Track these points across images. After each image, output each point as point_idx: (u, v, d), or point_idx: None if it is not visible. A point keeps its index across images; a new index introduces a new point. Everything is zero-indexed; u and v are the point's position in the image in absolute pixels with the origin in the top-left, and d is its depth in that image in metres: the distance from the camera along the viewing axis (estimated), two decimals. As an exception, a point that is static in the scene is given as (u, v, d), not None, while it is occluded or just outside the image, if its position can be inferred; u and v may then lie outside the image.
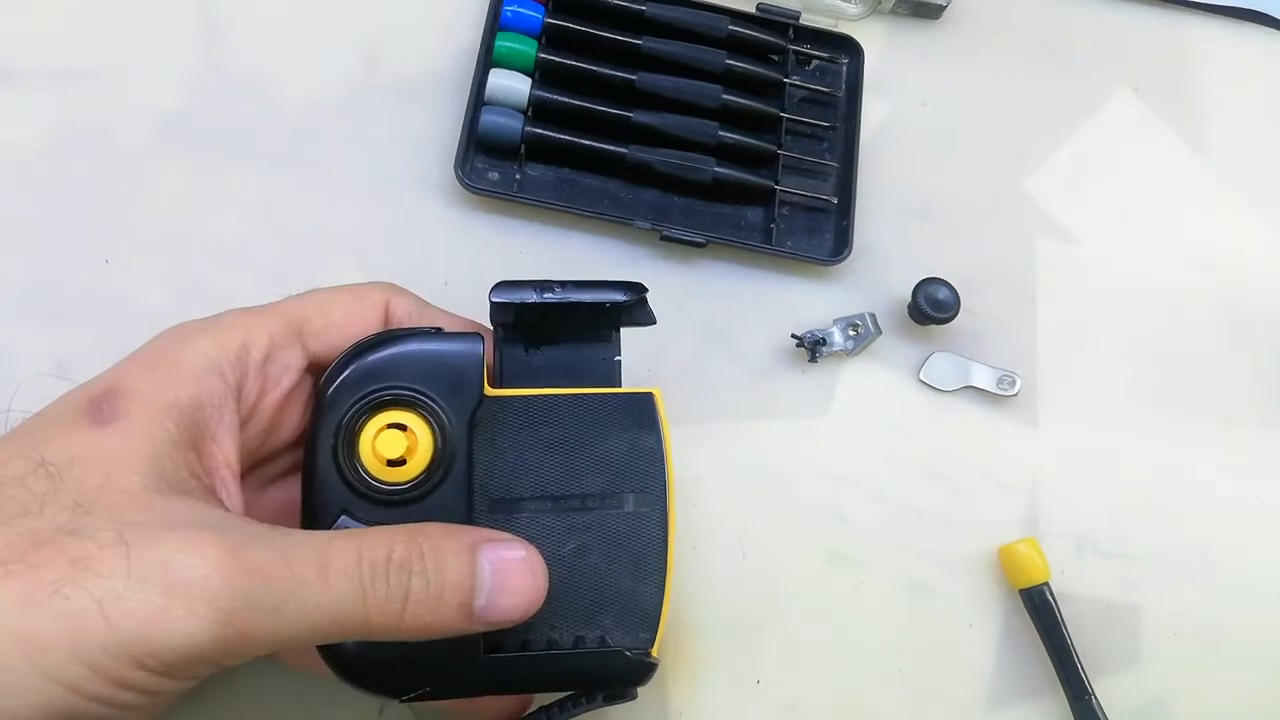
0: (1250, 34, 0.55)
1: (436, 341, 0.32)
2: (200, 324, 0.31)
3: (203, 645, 0.24)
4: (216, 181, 0.45)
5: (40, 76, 0.45)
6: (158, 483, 0.27)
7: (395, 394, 0.31)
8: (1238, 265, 0.51)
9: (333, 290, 0.34)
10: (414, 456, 0.31)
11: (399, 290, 0.35)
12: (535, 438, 0.33)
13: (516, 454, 0.32)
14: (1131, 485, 0.47)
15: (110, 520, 0.25)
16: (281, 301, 0.33)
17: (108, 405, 0.27)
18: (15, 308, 0.42)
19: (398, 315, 0.34)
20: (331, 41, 0.47)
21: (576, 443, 0.33)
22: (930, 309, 0.45)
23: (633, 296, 0.34)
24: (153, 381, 0.28)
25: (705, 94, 0.47)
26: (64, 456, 0.26)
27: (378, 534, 0.28)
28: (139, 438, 0.27)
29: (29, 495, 0.25)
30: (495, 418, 0.32)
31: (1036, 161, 0.51)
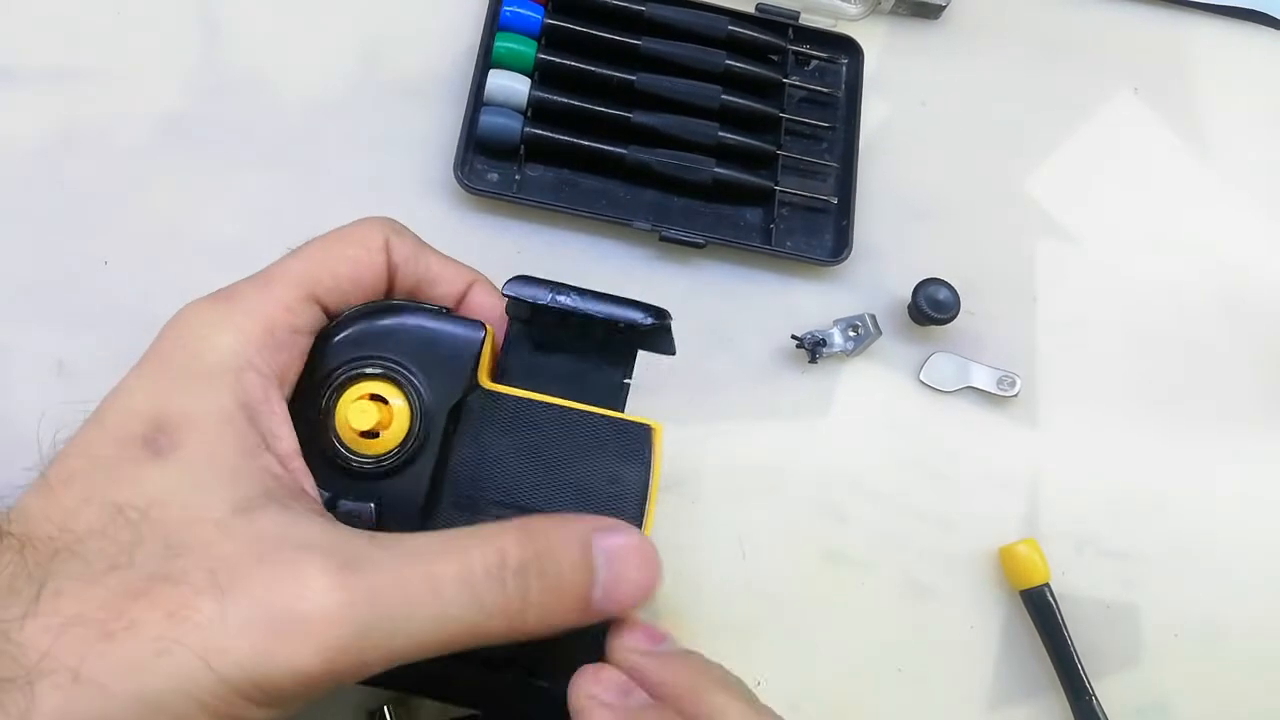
0: (1250, 34, 0.55)
1: (438, 321, 0.31)
2: (215, 309, 0.29)
3: (315, 676, 0.24)
4: (216, 181, 0.45)
5: (40, 76, 0.45)
6: (243, 500, 0.25)
7: (377, 366, 0.30)
8: (1238, 265, 0.51)
9: (334, 241, 0.32)
10: (387, 432, 0.30)
11: (397, 229, 0.33)
12: (519, 442, 0.31)
13: (497, 454, 0.31)
14: (1132, 485, 0.47)
15: (203, 558, 0.24)
16: (285, 262, 0.31)
17: (161, 437, 0.26)
18: (15, 308, 0.42)
19: (396, 259, 0.32)
20: (331, 41, 0.47)
21: (559, 458, 0.31)
22: (930, 309, 0.45)
23: (650, 321, 0.32)
24: (194, 397, 0.27)
25: (705, 94, 0.47)
26: (140, 499, 0.25)
27: (483, 536, 0.27)
28: (207, 461, 0.26)
29: (115, 547, 0.24)
30: (485, 411, 0.31)
31: (1036, 161, 0.51)
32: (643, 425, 0.32)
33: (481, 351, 0.31)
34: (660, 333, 0.32)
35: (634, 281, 0.46)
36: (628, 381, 0.33)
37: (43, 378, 0.41)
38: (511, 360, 0.33)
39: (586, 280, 0.35)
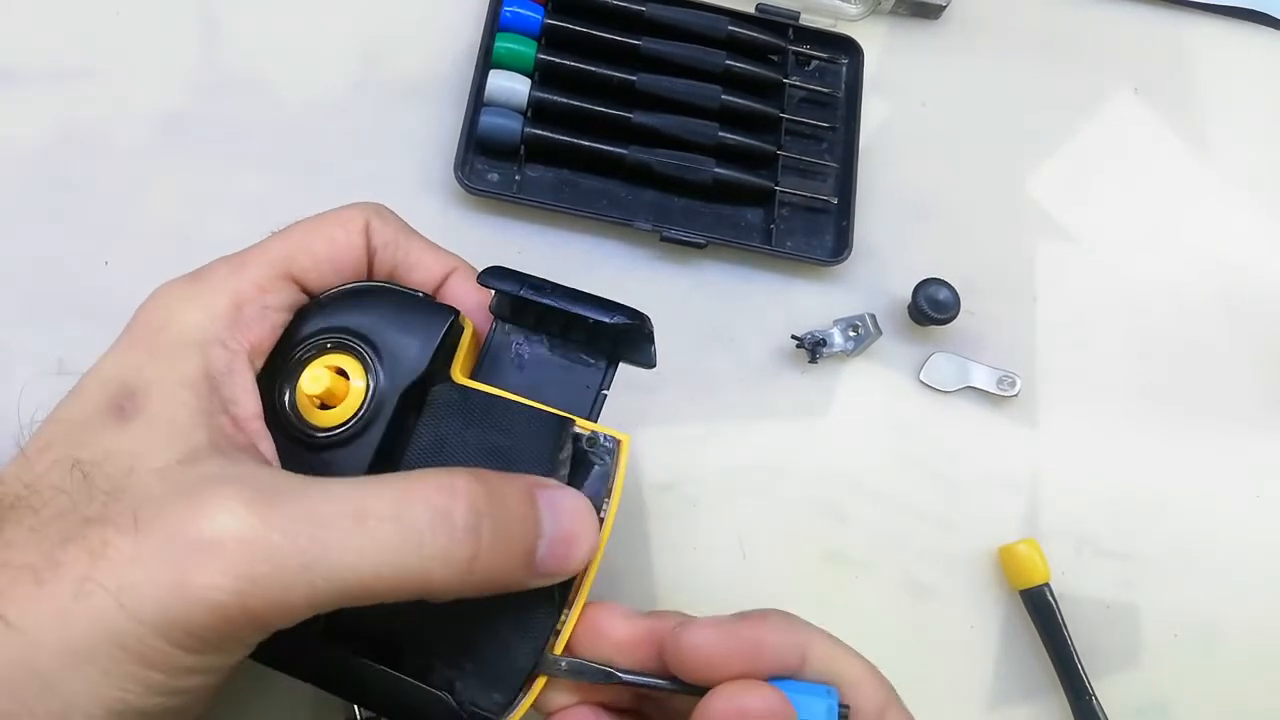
0: (1250, 34, 0.55)
1: (409, 305, 0.31)
2: (186, 288, 0.30)
3: (232, 613, 0.23)
4: (216, 181, 0.45)
5: (40, 76, 0.45)
6: (190, 452, 0.26)
7: (337, 340, 0.30)
8: (1238, 265, 0.51)
9: (315, 222, 0.32)
10: (340, 404, 0.30)
11: (381, 213, 0.33)
12: (480, 439, 0.30)
13: (455, 446, 0.30)
14: (1131, 485, 0.47)
15: (134, 500, 0.24)
16: (265, 242, 0.31)
17: (127, 402, 0.27)
18: (15, 308, 0.42)
19: (375, 242, 0.32)
20: (331, 42, 0.47)
21: (517, 460, 0.30)
22: (930, 309, 0.45)
23: (621, 321, 0.30)
24: (161, 366, 0.28)
25: (705, 95, 0.47)
26: (98, 455, 0.26)
27: (429, 473, 0.26)
28: (164, 422, 0.26)
29: (65, 498, 0.25)
30: (452, 404, 0.30)
31: (1036, 161, 0.51)
32: (607, 436, 0.31)
33: (449, 339, 0.31)
34: (636, 340, 0.31)
35: (635, 281, 0.46)
36: (605, 392, 0.32)
37: (43, 378, 0.41)
38: (490, 358, 0.32)
39: (587, 280, 0.35)
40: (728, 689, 0.28)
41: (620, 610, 0.30)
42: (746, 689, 0.28)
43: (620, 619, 0.30)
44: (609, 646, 0.30)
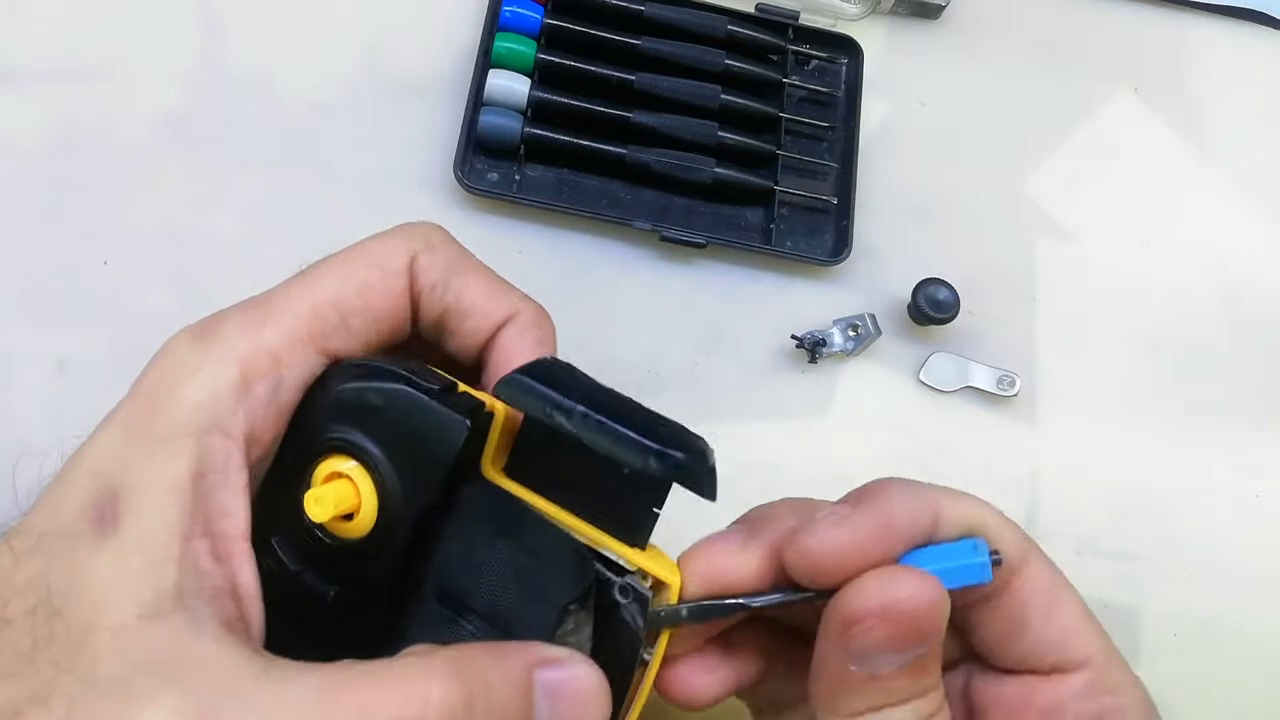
0: (1250, 34, 0.55)
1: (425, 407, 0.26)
2: (193, 350, 0.25)
3: None
4: (216, 181, 0.45)
5: (40, 76, 0.45)
6: (153, 602, 0.23)
7: (349, 446, 0.26)
8: (1237, 264, 0.51)
9: (349, 258, 0.27)
10: (357, 516, 0.26)
11: (431, 243, 0.28)
12: (510, 555, 0.26)
13: (483, 560, 0.27)
14: (1131, 485, 0.47)
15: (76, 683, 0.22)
16: (289, 289, 0.27)
17: (109, 509, 0.23)
18: (15, 308, 0.42)
19: (422, 283, 0.28)
20: (331, 41, 0.47)
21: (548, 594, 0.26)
22: (930, 309, 0.45)
23: (660, 469, 0.24)
24: (149, 462, 0.24)
25: (704, 94, 0.47)
26: (68, 587, 0.23)
27: (403, 672, 0.22)
28: (138, 548, 0.23)
29: (29, 643, 0.22)
30: (481, 505, 0.27)
31: (1036, 161, 0.51)
32: (641, 592, 0.26)
33: (470, 448, 0.26)
34: (694, 474, 0.25)
35: (634, 281, 0.46)
36: (656, 511, 0.26)
37: (43, 378, 0.41)
38: (527, 445, 0.27)
39: (587, 280, 0.35)
40: (866, 585, 0.25)
41: (724, 546, 0.27)
42: (889, 580, 0.25)
43: (729, 556, 0.27)
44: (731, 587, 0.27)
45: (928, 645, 0.25)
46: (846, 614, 0.25)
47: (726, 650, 0.29)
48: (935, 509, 0.26)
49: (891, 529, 0.26)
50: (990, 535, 0.27)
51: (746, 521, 0.28)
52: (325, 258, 0.28)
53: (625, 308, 0.45)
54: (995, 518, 0.28)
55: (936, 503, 0.27)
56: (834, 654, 0.25)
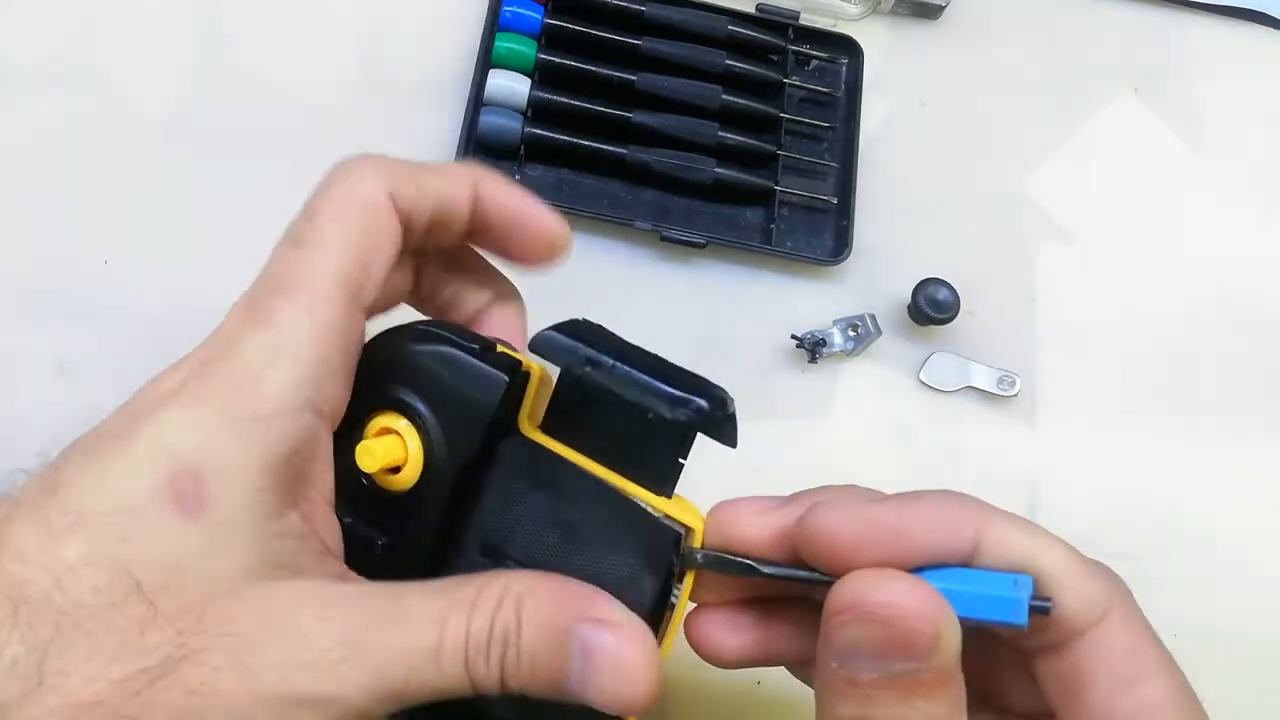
0: (1250, 34, 0.55)
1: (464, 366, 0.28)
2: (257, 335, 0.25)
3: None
4: (216, 181, 0.45)
5: (40, 76, 0.45)
6: (260, 566, 0.23)
7: (397, 402, 0.28)
8: (1237, 265, 0.51)
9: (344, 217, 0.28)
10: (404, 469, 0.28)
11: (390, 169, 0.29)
12: (546, 506, 0.28)
13: (522, 511, 0.28)
14: (1131, 485, 0.47)
15: (218, 633, 0.22)
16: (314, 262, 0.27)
17: (191, 489, 0.23)
18: (15, 308, 0.42)
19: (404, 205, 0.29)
20: (332, 42, 0.47)
21: (582, 537, 0.27)
22: (930, 309, 0.45)
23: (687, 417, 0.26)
24: (240, 442, 0.24)
25: (705, 94, 0.47)
26: (157, 566, 0.22)
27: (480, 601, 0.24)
28: (234, 525, 0.23)
29: (127, 622, 0.22)
30: (520, 459, 0.28)
31: (1036, 162, 0.51)
32: (670, 528, 0.27)
33: (508, 403, 0.28)
34: (715, 421, 0.27)
35: (635, 281, 0.46)
36: (682, 461, 0.28)
37: (43, 378, 0.41)
38: (563, 403, 0.29)
39: (588, 281, 0.35)
40: (852, 580, 0.24)
41: (751, 507, 0.27)
42: (874, 579, 0.24)
43: (751, 516, 0.27)
44: (742, 547, 0.27)
45: (916, 662, 0.23)
46: (829, 604, 0.24)
47: (762, 618, 0.29)
48: (976, 529, 0.24)
49: (905, 535, 0.24)
50: (1045, 576, 0.24)
51: (794, 495, 0.28)
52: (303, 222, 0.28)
53: (625, 308, 0.45)
54: (1062, 559, 0.24)
55: (982, 525, 0.24)
56: (822, 647, 0.24)
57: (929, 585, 0.23)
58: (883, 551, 0.24)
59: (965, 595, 0.23)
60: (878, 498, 0.26)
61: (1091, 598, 0.24)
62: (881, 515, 0.25)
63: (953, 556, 0.24)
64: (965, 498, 0.26)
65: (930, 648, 0.23)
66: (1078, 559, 0.25)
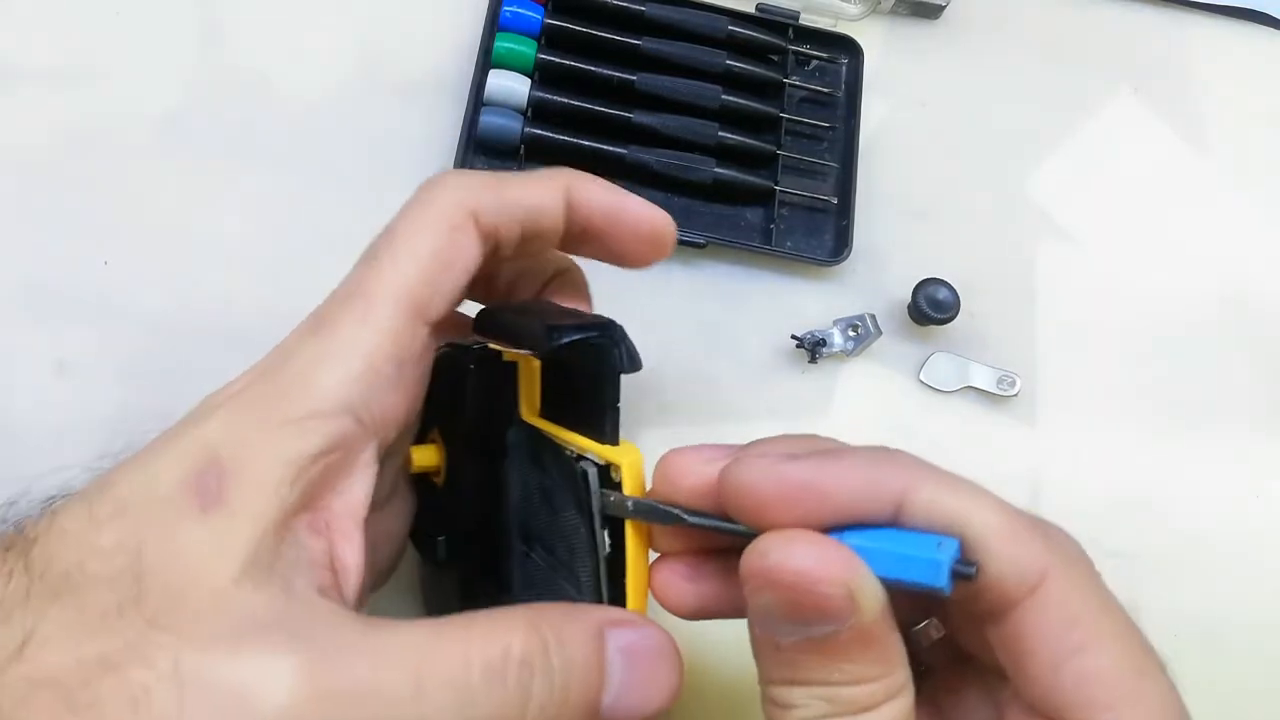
0: (1250, 34, 0.55)
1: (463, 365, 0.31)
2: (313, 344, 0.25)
3: None
4: (216, 181, 0.45)
5: (40, 76, 0.45)
6: (252, 570, 0.23)
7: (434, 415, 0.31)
8: (1237, 265, 0.51)
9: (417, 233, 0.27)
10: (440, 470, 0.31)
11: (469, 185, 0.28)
12: (541, 483, 0.29)
13: (527, 494, 0.30)
14: (1131, 485, 0.47)
15: (178, 638, 0.22)
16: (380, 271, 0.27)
17: (214, 483, 0.23)
18: (15, 308, 0.42)
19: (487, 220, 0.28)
20: (331, 41, 0.47)
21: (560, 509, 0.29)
22: (930, 309, 0.45)
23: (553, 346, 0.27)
24: (267, 443, 0.24)
25: (705, 94, 0.47)
26: (163, 552, 0.23)
27: (488, 623, 0.24)
28: (244, 521, 0.23)
29: (113, 602, 0.22)
30: (522, 447, 0.30)
31: (1036, 161, 0.51)
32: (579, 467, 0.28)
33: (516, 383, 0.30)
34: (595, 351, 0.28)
35: (635, 281, 0.46)
36: (616, 407, 0.28)
37: (43, 378, 0.41)
38: (546, 386, 0.30)
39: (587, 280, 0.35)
40: (759, 544, 0.23)
41: (697, 455, 0.27)
42: (779, 542, 0.23)
43: (695, 464, 0.27)
44: (681, 495, 0.27)
45: (832, 623, 0.22)
46: (741, 570, 0.23)
47: (724, 570, 0.28)
48: (902, 487, 0.23)
49: (825, 493, 0.23)
50: (974, 539, 0.23)
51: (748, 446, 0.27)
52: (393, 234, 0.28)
53: (625, 308, 0.45)
54: (994, 521, 0.23)
55: (908, 484, 0.23)
56: (749, 612, 0.24)
57: (839, 544, 0.22)
58: (800, 509, 0.24)
59: (882, 554, 0.22)
60: (801, 453, 0.24)
61: (1025, 563, 0.23)
62: (799, 472, 0.24)
63: (875, 516, 0.23)
64: (897, 455, 0.25)
65: (845, 608, 0.22)
66: (1013, 521, 0.23)
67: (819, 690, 0.23)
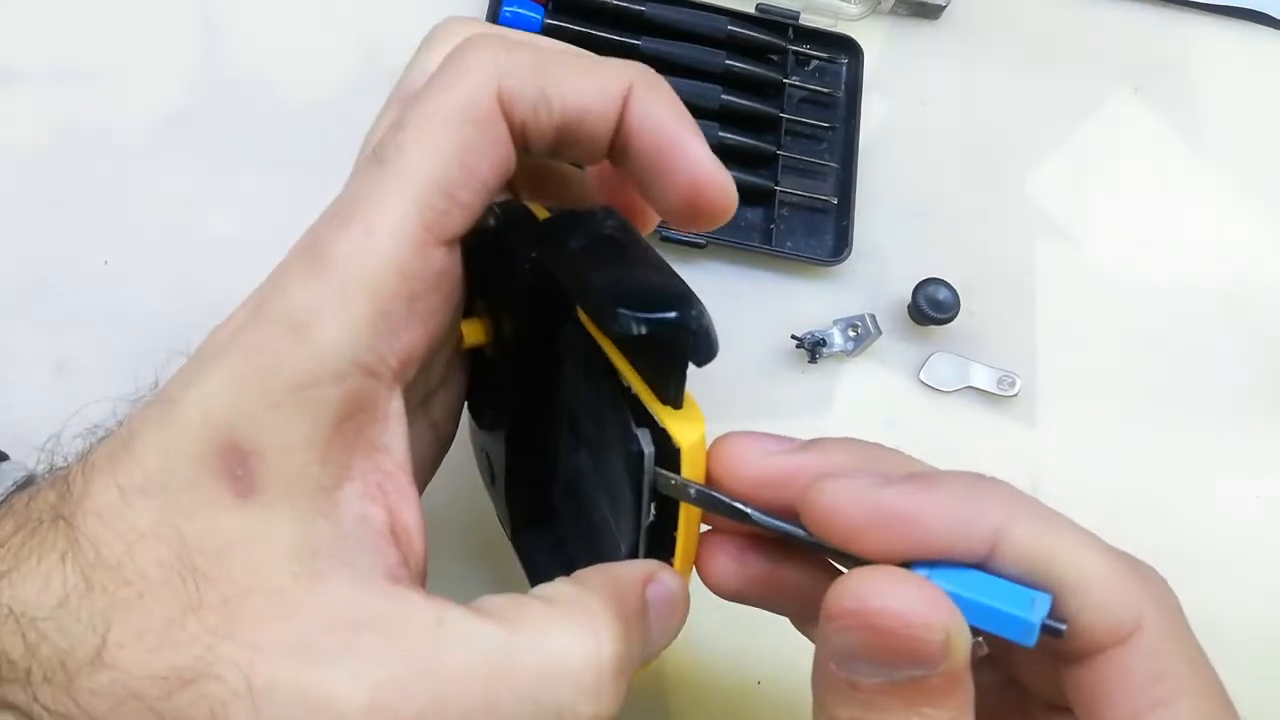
0: (1250, 34, 0.55)
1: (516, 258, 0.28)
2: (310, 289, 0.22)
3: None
4: (216, 181, 0.45)
5: (40, 76, 0.45)
6: (311, 561, 0.22)
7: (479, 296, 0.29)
8: (1237, 264, 0.51)
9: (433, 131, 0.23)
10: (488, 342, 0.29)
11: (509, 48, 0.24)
12: (591, 398, 0.27)
13: (580, 395, 0.28)
14: (1131, 485, 0.47)
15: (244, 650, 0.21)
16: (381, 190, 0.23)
17: (241, 469, 0.22)
18: (15, 308, 0.42)
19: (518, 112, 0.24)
20: (332, 41, 0.47)
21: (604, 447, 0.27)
22: (930, 309, 0.45)
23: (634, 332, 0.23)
24: (281, 419, 0.22)
25: (705, 94, 0.47)
26: (210, 545, 0.21)
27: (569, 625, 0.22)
28: (284, 509, 0.22)
29: (176, 606, 0.21)
30: (573, 347, 0.28)
31: (1036, 161, 0.51)
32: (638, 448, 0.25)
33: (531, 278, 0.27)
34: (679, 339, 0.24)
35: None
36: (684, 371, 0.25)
37: (42, 378, 0.41)
38: None
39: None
40: (851, 582, 0.22)
41: (757, 445, 0.25)
42: (877, 582, 0.21)
43: (756, 455, 0.25)
44: (738, 485, 0.25)
45: (923, 669, 0.21)
46: (826, 606, 0.22)
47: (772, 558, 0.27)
48: (998, 526, 0.22)
49: (921, 526, 0.22)
50: (1068, 586, 0.22)
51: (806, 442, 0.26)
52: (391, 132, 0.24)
53: (625, 308, 0.45)
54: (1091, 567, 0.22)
55: (1005, 522, 0.22)
56: (820, 645, 0.23)
57: (937, 588, 0.22)
58: (891, 539, 0.22)
59: (974, 605, 0.22)
60: (895, 477, 0.23)
61: (1117, 614, 0.22)
62: (895, 502, 0.23)
63: (968, 555, 0.22)
64: (994, 486, 0.24)
65: (939, 654, 0.21)
66: (1110, 566, 0.22)
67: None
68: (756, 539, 0.27)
